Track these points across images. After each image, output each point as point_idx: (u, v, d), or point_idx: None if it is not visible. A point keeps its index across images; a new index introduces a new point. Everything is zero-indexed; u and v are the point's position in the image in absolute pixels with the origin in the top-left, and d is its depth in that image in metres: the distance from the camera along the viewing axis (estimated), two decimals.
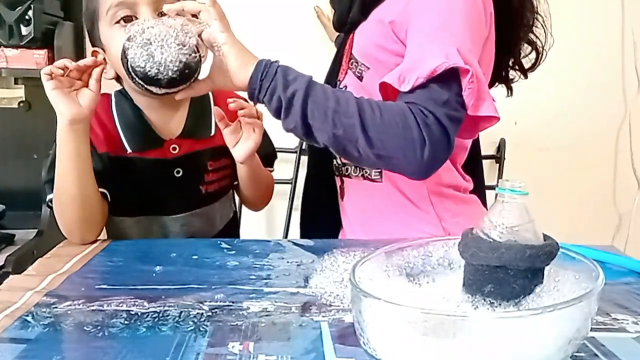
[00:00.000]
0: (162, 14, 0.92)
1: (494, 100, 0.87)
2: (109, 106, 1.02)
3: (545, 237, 0.63)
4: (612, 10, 2.02)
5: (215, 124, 1.04)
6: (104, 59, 0.96)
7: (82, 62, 0.88)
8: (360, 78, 1.01)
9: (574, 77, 2.01)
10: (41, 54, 1.73)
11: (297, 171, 1.98)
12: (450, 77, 0.83)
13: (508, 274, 0.60)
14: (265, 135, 1.04)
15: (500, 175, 1.97)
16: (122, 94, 1.03)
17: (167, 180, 1.01)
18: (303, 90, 0.82)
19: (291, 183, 1.95)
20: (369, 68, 1.00)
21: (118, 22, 0.93)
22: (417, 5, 0.91)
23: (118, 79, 1.01)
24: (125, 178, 1.00)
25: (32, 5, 1.70)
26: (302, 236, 1.15)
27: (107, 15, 0.93)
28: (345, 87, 1.03)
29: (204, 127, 1.05)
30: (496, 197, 0.63)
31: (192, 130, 1.03)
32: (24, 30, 1.72)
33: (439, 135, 0.82)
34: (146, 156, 1.00)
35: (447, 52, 0.83)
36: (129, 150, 1.00)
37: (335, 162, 1.10)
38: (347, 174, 1.08)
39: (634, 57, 2.04)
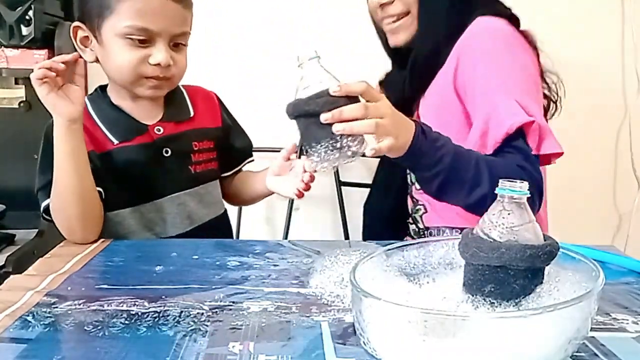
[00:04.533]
0: (175, 45, 0.98)
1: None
2: (85, 108, 1.02)
3: (546, 237, 0.63)
4: (613, 11, 2.01)
5: (193, 108, 1.10)
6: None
7: (66, 58, 0.88)
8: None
9: (574, 77, 2.01)
10: (41, 54, 1.73)
11: None
12: (521, 132, 0.98)
13: (508, 274, 0.60)
14: (242, 133, 1.18)
15: None
16: (97, 93, 1.06)
17: (157, 162, 1.03)
18: (447, 171, 0.90)
19: None
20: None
21: (131, 39, 0.94)
22: (468, 66, 1.03)
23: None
24: (115, 171, 1.01)
25: (32, 6, 1.70)
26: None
27: (121, 26, 0.93)
28: None
29: (182, 112, 1.09)
30: (497, 197, 0.64)
31: (172, 115, 1.06)
32: (25, 30, 1.72)
33: (541, 182, 0.98)
34: (133, 143, 1.02)
35: (512, 110, 0.97)
36: (115, 142, 1.01)
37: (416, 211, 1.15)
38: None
39: (634, 58, 2.04)
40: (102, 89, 1.06)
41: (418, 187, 1.11)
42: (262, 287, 0.76)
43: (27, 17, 1.71)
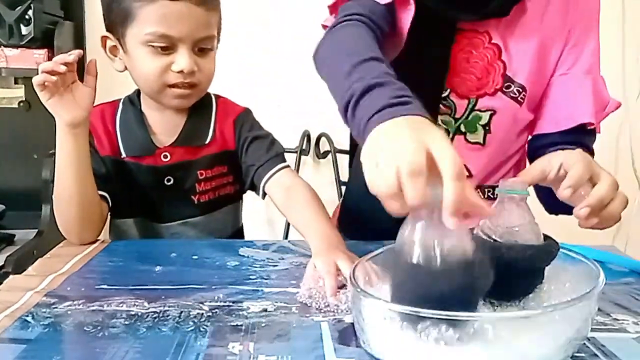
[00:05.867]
0: (200, 50, 0.94)
1: None
2: (114, 112, 1.03)
3: (546, 237, 0.63)
4: (613, 11, 2.02)
5: (214, 131, 1.03)
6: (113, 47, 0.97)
7: (68, 59, 0.85)
8: (520, 103, 0.96)
9: None
10: (41, 53, 1.73)
11: (297, 171, 1.98)
12: None
13: (508, 274, 0.60)
14: (263, 145, 1.03)
15: None
16: (131, 100, 1.04)
17: (158, 188, 1.01)
18: None
19: None
20: (526, 90, 0.96)
21: (153, 47, 0.91)
22: (580, 25, 0.96)
23: None
24: (122, 182, 1.00)
25: (32, 5, 1.70)
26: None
27: (142, 34, 0.91)
28: (494, 111, 0.97)
29: (200, 136, 1.02)
30: (497, 197, 0.63)
31: (186, 139, 1.01)
32: (24, 30, 1.72)
33: None
34: (140, 162, 1.00)
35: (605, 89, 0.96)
36: (124, 155, 1.00)
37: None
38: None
39: (634, 58, 2.04)
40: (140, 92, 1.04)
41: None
42: (262, 287, 0.76)
43: (26, 17, 1.71)
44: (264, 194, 1.02)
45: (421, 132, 0.57)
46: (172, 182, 1.01)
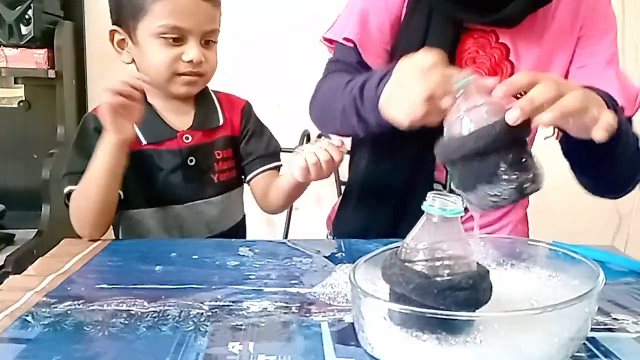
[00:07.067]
0: (206, 43, 1.01)
1: None
2: None
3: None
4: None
5: (224, 117, 1.10)
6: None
7: (135, 84, 0.90)
8: None
9: None
10: (41, 53, 1.73)
11: None
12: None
13: (463, 167, 0.64)
14: (264, 139, 1.13)
15: None
16: None
17: (182, 169, 1.05)
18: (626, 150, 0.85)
19: None
20: None
21: (165, 39, 0.98)
22: (596, 19, 0.97)
23: None
24: (139, 171, 1.02)
25: (32, 5, 1.71)
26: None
27: (155, 26, 0.98)
28: None
29: (213, 119, 1.09)
30: None
31: (202, 122, 1.07)
32: (24, 30, 1.72)
33: None
34: (161, 147, 1.04)
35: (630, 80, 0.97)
36: (144, 142, 1.03)
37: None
38: None
39: (634, 58, 2.04)
40: None
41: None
42: (262, 287, 0.76)
43: (26, 17, 1.71)
44: (249, 183, 1.13)
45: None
46: (194, 162, 1.06)
